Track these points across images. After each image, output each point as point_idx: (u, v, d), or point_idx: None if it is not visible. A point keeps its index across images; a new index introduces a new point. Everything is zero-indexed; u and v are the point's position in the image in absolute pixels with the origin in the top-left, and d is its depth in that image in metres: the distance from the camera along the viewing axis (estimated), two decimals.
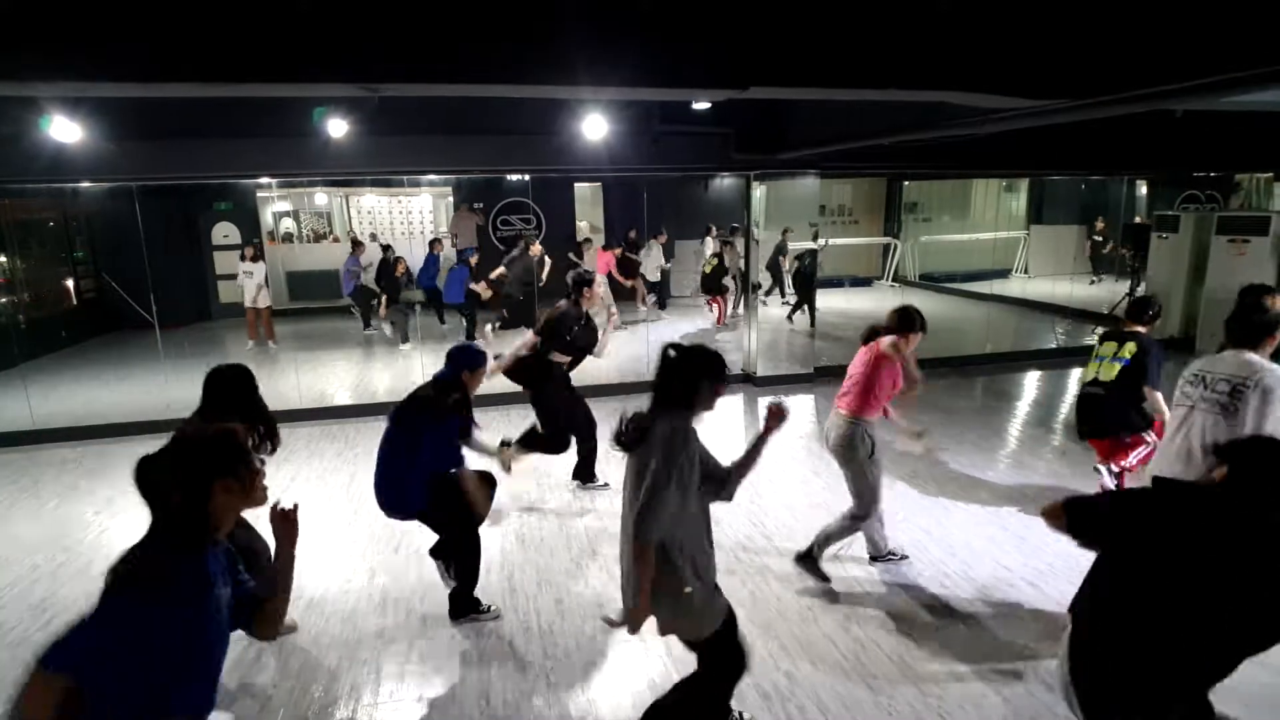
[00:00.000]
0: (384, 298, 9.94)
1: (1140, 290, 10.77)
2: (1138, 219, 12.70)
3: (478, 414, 3.82)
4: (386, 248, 11.05)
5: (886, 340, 3.78)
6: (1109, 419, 4.25)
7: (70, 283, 11.26)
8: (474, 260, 10.54)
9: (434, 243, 11.08)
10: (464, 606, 3.73)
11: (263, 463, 1.90)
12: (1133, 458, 4.24)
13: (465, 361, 3.65)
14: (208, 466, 1.70)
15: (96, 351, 10.12)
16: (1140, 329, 4.28)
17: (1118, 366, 4.18)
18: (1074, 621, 1.86)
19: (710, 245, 11.99)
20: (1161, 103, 3.47)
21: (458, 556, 3.71)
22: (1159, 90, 3.04)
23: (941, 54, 3.25)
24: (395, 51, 2.87)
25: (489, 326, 9.80)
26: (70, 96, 5.21)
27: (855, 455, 3.81)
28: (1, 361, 8.34)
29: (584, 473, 5.40)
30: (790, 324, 10.41)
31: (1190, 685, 1.59)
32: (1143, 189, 14.06)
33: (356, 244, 11.00)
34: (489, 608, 3.76)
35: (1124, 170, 10.82)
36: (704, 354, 2.48)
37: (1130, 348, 4.19)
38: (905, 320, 3.80)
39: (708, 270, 11.13)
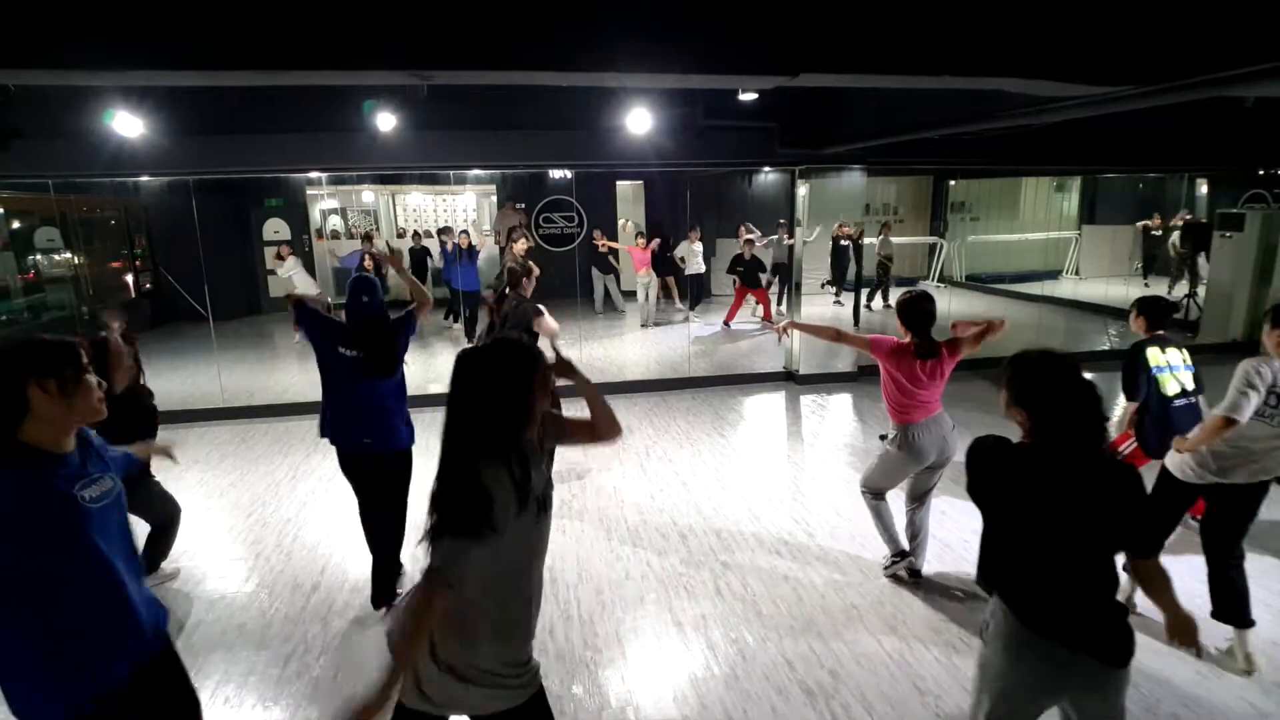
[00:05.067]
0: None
1: (1200, 292, 10.38)
2: (1184, 217, 12.30)
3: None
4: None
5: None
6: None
7: (130, 277, 11.68)
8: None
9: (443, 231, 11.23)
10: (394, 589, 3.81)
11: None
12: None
13: (375, 287, 3.63)
14: (21, 365, 1.65)
15: (153, 342, 10.44)
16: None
17: (1190, 374, 3.98)
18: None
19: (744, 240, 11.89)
20: (1234, 88, 3.32)
21: (399, 531, 3.75)
22: (1233, 74, 2.91)
23: (1000, 38, 3.15)
24: (447, 38, 2.89)
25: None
26: (126, 86, 5.39)
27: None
28: None
29: None
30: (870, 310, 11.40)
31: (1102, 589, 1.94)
32: (1203, 187, 13.53)
33: (365, 238, 11.24)
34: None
35: (1184, 166, 10.44)
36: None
37: (1186, 354, 4.01)
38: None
39: (741, 267, 11.01)
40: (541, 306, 4.70)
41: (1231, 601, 3.19)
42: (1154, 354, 3.89)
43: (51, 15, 2.72)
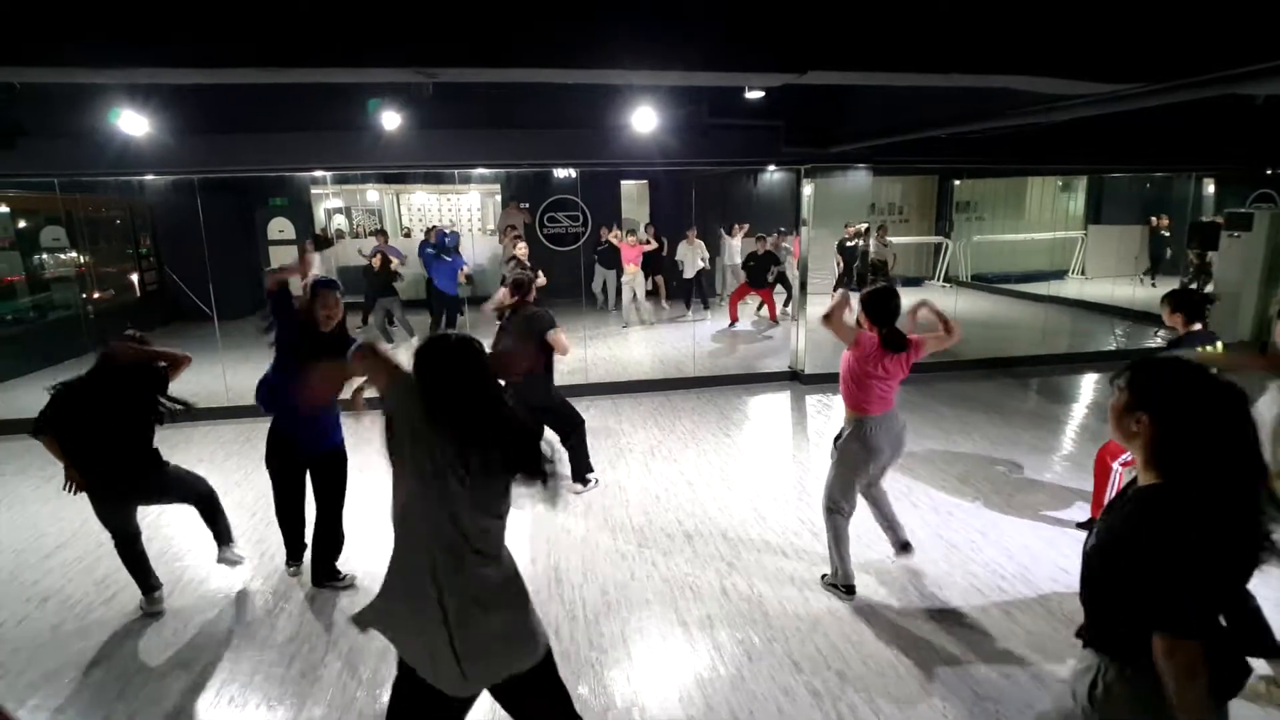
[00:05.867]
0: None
1: (1209, 291, 10.34)
2: (1164, 222, 12.32)
3: None
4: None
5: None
6: None
7: (135, 276, 11.70)
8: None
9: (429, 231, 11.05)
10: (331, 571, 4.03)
11: None
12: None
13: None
14: None
15: (158, 341, 10.43)
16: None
17: None
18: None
19: (735, 243, 11.95)
20: (1244, 86, 3.29)
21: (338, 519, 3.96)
22: (1244, 71, 2.88)
23: (1009, 35, 3.13)
24: (451, 36, 2.88)
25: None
26: (131, 84, 5.38)
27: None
28: (72, 350, 8.69)
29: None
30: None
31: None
32: (1210, 187, 13.48)
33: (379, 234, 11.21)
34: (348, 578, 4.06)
35: (1191, 165, 10.40)
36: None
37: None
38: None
39: (751, 263, 10.99)
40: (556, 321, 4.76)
41: None
42: (1206, 352, 3.76)
43: (51, 14, 2.71)
